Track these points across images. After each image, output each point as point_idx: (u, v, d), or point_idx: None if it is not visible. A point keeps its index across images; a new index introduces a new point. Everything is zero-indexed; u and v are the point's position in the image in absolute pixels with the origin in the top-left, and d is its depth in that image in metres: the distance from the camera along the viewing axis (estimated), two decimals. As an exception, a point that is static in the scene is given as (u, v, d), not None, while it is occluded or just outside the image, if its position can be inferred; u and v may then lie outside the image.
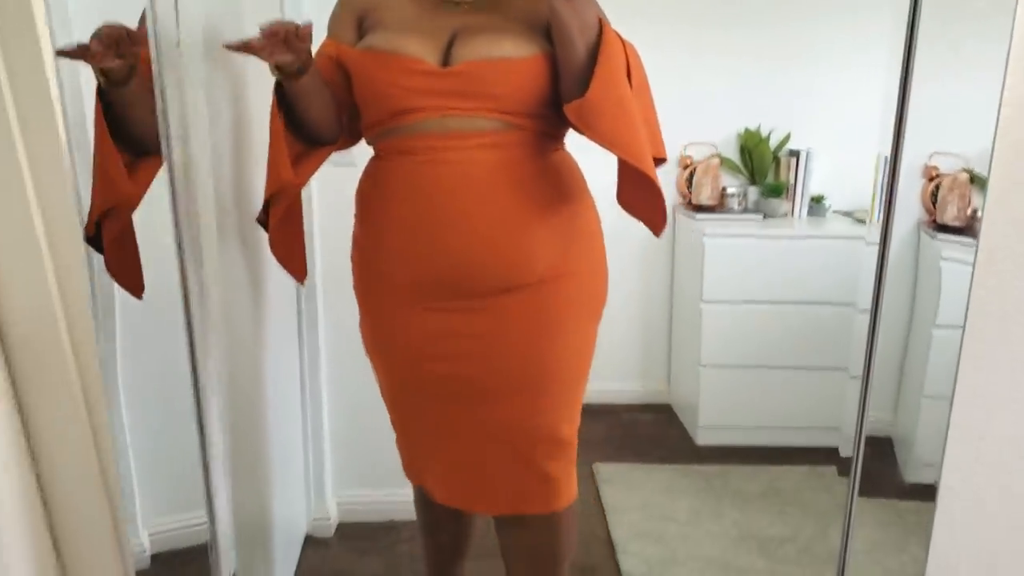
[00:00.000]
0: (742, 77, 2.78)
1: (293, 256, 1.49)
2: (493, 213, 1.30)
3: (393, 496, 2.27)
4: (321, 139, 1.38)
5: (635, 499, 2.44)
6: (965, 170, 2.33)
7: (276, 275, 1.90)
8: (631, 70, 1.26)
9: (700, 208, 2.79)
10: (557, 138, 1.39)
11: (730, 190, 2.79)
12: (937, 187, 2.32)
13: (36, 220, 1.07)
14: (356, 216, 1.45)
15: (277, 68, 1.23)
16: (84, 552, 1.25)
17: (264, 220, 1.45)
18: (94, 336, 1.17)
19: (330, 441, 2.26)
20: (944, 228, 2.30)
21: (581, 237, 1.41)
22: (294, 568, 2.10)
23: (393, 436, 1.62)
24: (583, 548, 2.17)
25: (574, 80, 1.24)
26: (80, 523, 1.23)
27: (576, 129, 1.28)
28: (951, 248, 2.22)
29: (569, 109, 1.25)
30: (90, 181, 1.17)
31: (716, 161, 2.80)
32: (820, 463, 2.55)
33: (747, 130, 2.83)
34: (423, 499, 1.67)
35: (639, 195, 1.33)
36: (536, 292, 1.35)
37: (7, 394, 1.09)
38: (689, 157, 2.83)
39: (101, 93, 1.16)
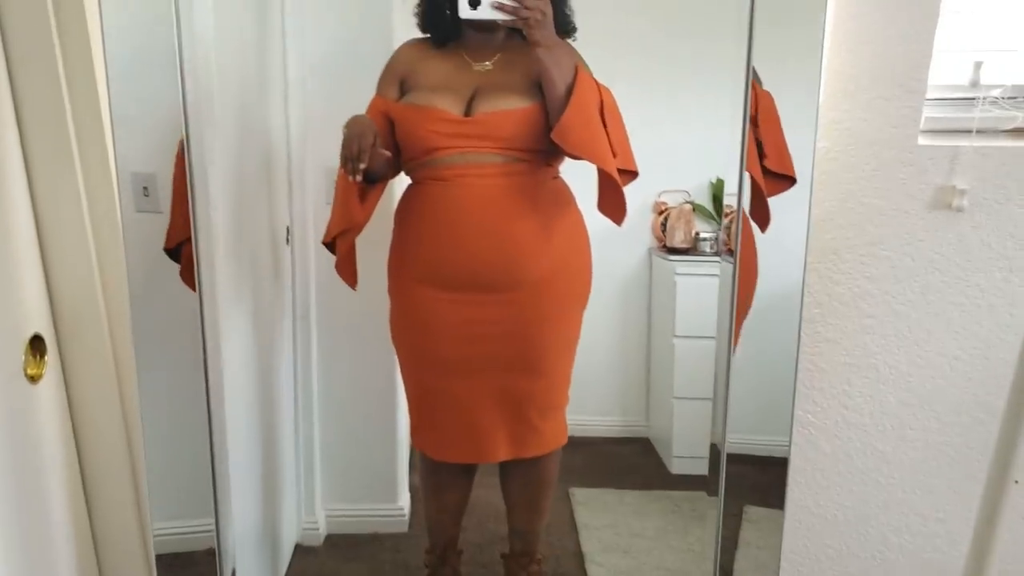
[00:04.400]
0: (715, 131, 3.04)
1: (351, 272, 1.92)
2: (506, 225, 1.76)
3: (377, 511, 2.50)
4: (378, 178, 1.81)
5: (606, 519, 2.64)
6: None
7: (272, 296, 2.18)
8: (604, 105, 1.70)
9: (674, 251, 3.04)
10: (553, 167, 1.83)
11: (703, 234, 3.03)
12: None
13: (86, 221, 1.34)
14: (395, 230, 1.89)
15: None
16: (112, 531, 1.47)
17: (329, 245, 1.88)
18: (130, 327, 1.35)
19: (320, 457, 2.47)
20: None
21: (573, 243, 1.88)
22: (283, 571, 2.30)
23: (378, 454, 2.33)
24: (554, 560, 2.38)
25: (556, 109, 1.68)
26: (110, 494, 1.45)
27: (560, 149, 1.72)
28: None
29: (553, 131, 1.68)
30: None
31: (689, 207, 3.06)
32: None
33: (718, 179, 3.08)
34: (431, 466, 2.06)
35: (608, 195, 1.76)
36: (540, 288, 1.81)
37: (57, 371, 1.34)
38: (664, 203, 3.09)
39: None
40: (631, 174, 1.79)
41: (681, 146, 3.06)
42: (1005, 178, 1.40)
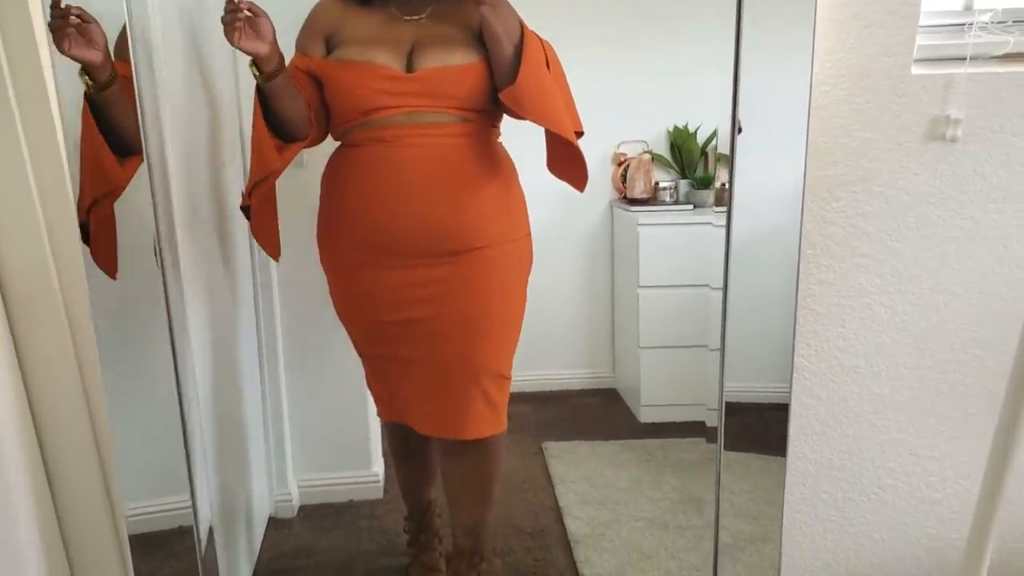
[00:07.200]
0: (671, 78, 2.94)
1: (271, 237, 1.75)
2: (452, 188, 1.60)
3: (351, 478, 2.39)
4: (294, 134, 1.62)
5: (580, 471, 2.57)
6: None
7: (239, 266, 2.03)
8: (549, 62, 1.56)
9: (635, 201, 2.95)
10: (496, 128, 1.67)
11: (662, 184, 2.94)
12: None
13: (36, 200, 1.21)
14: (323, 196, 1.72)
15: (256, 66, 1.47)
16: (80, 519, 1.38)
17: (246, 208, 1.69)
18: (88, 302, 1.29)
19: (290, 427, 2.35)
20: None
21: (518, 210, 1.73)
22: (258, 547, 2.19)
23: (349, 420, 2.14)
24: (532, 515, 2.31)
25: (505, 72, 1.51)
26: (76, 483, 1.37)
27: (509, 112, 1.58)
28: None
29: (504, 95, 1.52)
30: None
31: (648, 157, 2.97)
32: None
33: (676, 127, 3.00)
34: (394, 432, 1.96)
35: (564, 159, 1.63)
36: (485, 254, 1.64)
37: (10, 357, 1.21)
38: (623, 154, 2.99)
39: (88, 97, 1.36)
40: (578, 134, 1.64)
41: (638, 95, 2.97)
42: (999, 106, 1.31)
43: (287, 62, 1.55)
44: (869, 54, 1.30)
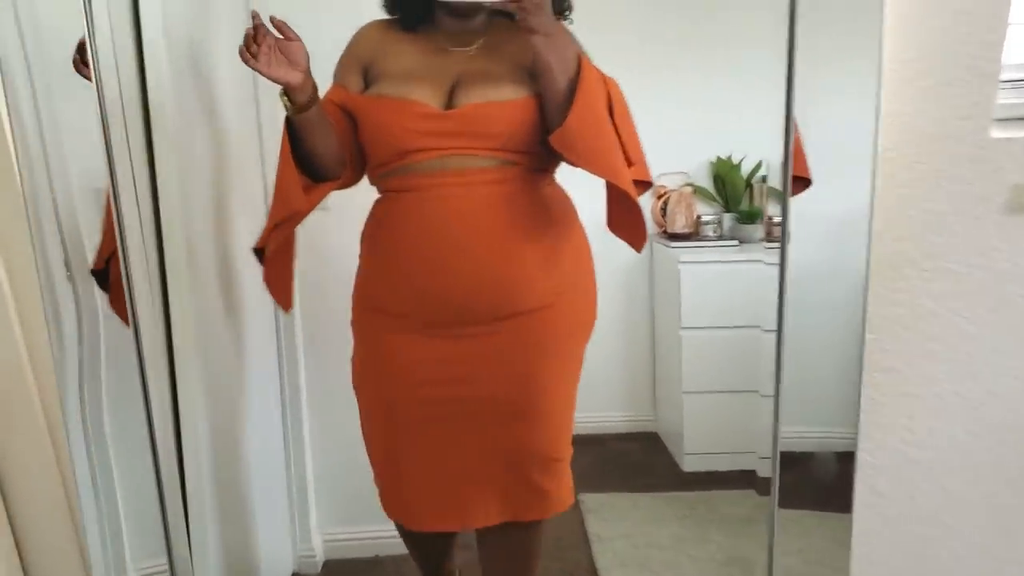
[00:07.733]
0: (712, 105, 2.79)
1: (284, 285, 1.59)
2: (494, 244, 1.41)
3: (377, 532, 2.27)
4: (325, 174, 1.47)
5: (619, 528, 2.42)
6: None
7: (257, 315, 1.92)
8: (612, 102, 1.37)
9: (676, 236, 2.79)
10: (548, 172, 1.49)
11: (705, 218, 2.79)
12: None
13: (8, 297, 1.11)
14: (361, 255, 1.55)
15: (287, 96, 1.34)
16: None
17: (259, 251, 1.53)
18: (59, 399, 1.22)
19: (313, 480, 2.25)
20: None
21: (574, 264, 1.52)
22: (280, 607, 2.09)
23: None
24: (567, 578, 2.17)
25: (557, 110, 1.34)
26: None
27: (561, 157, 1.40)
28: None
29: (553, 137, 1.34)
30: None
31: (689, 190, 2.81)
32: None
33: (719, 158, 2.84)
34: (405, 529, 1.74)
35: (623, 215, 1.44)
36: (533, 318, 1.45)
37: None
38: (662, 187, 2.84)
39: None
40: (644, 184, 1.45)
41: (677, 123, 2.80)
42: (1095, 173, 1.15)
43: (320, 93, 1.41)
44: (940, 116, 1.13)
